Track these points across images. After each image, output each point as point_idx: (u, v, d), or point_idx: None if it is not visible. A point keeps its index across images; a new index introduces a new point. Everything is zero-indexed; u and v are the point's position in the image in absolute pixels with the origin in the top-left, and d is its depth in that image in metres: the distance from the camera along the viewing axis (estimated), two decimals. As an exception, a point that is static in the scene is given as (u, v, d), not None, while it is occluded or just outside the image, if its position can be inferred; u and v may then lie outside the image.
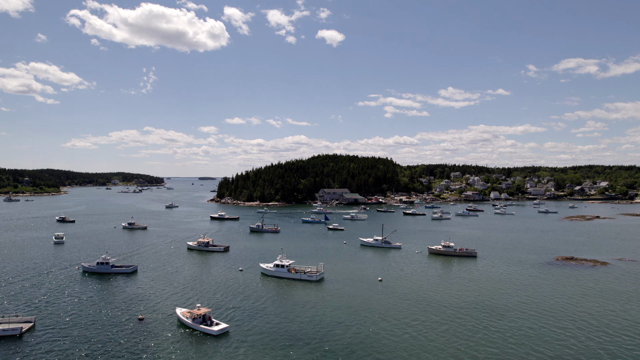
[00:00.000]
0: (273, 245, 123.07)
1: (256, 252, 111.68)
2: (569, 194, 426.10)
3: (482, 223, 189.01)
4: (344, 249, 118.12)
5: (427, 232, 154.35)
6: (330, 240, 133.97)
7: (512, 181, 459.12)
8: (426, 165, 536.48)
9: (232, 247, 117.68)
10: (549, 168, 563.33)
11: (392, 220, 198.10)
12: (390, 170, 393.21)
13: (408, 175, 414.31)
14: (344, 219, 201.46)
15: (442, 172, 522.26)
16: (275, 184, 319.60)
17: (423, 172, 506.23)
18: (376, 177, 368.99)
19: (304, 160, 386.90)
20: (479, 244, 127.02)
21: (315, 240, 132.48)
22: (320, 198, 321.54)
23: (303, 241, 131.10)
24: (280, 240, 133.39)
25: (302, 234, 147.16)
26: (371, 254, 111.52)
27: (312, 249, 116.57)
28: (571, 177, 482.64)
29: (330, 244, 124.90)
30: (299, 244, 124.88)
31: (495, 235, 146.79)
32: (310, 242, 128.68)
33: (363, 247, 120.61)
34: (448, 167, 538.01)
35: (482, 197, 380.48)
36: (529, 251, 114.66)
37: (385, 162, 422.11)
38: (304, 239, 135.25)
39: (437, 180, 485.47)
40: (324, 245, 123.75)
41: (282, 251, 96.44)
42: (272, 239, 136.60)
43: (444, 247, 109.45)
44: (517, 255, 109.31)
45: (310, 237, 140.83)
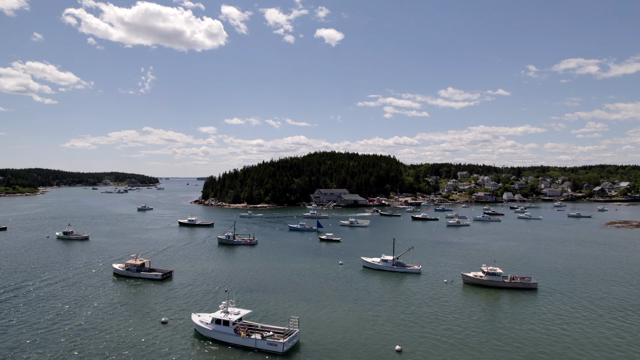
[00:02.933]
0: (240, 267, 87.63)
1: (208, 280, 76.22)
2: (587, 195, 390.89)
3: (510, 231, 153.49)
4: (339, 274, 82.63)
5: (447, 245, 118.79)
6: (321, 258, 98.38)
7: (524, 181, 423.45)
8: (431, 165, 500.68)
9: (179, 271, 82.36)
10: (558, 168, 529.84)
11: (399, 227, 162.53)
12: (394, 168, 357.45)
13: (413, 175, 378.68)
14: (341, 225, 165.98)
15: (448, 172, 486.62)
16: (265, 184, 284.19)
17: (428, 171, 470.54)
18: (378, 176, 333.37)
19: (298, 158, 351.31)
20: (527, 265, 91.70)
21: (299, 259, 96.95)
22: (316, 199, 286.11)
23: (283, 259, 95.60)
24: (255, 256, 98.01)
25: (285, 248, 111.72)
26: (378, 284, 76.07)
27: (291, 276, 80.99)
28: (588, 177, 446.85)
29: (320, 266, 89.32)
30: (274, 266, 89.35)
31: (540, 251, 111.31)
32: (291, 262, 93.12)
33: (366, 271, 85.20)
34: (454, 166, 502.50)
35: (494, 199, 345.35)
36: (610, 279, 79.34)
37: (388, 160, 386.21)
38: (284, 256, 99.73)
39: (444, 180, 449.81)
40: (310, 267, 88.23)
41: (228, 295, 58.58)
42: (242, 255, 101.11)
43: (488, 276, 73.92)
44: (599, 287, 73.85)
45: (294, 252, 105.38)
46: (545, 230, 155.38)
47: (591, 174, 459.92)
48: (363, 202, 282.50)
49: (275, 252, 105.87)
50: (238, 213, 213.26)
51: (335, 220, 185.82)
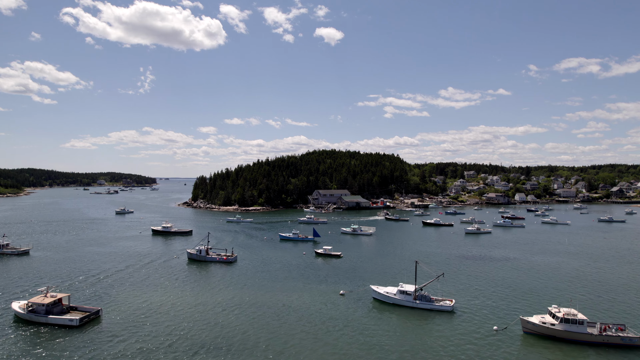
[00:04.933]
0: (202, 301, 63.42)
1: (145, 328, 52.03)
2: (604, 196, 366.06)
3: (542, 240, 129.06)
4: (340, 312, 58.33)
5: (475, 263, 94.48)
6: (316, 284, 74.02)
7: (536, 181, 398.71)
8: (435, 164, 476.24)
9: (116, 309, 58.25)
10: (566, 167, 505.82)
11: (409, 235, 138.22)
12: (399, 168, 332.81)
13: (419, 175, 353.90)
14: (342, 233, 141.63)
15: (454, 172, 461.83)
16: (259, 184, 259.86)
17: (433, 171, 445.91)
18: (382, 175, 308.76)
19: (296, 157, 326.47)
20: (600, 297, 67.56)
21: (287, 285, 72.59)
22: (314, 201, 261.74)
23: (264, 287, 71.28)
24: (228, 281, 73.76)
25: (271, 267, 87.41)
26: (399, 329, 51.89)
27: (271, 320, 56.67)
28: (604, 176, 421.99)
29: (314, 298, 64.99)
30: (251, 299, 65.05)
31: (606, 272, 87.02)
32: (275, 292, 68.77)
33: (378, 308, 60.99)
34: (460, 166, 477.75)
35: (507, 200, 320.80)
36: None
37: (392, 158, 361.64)
38: (267, 281, 75.37)
39: (450, 180, 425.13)
40: (300, 300, 63.92)
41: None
42: (212, 280, 76.85)
43: (565, 324, 49.58)
44: None
45: (281, 274, 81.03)
46: (585, 239, 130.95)
47: (606, 174, 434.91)
48: (366, 205, 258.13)
49: (257, 274, 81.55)
50: (225, 217, 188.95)
51: (335, 226, 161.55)
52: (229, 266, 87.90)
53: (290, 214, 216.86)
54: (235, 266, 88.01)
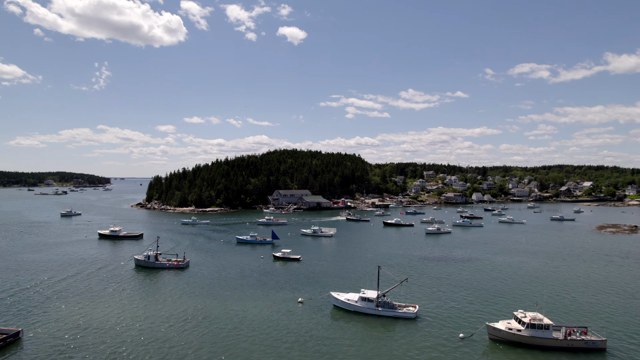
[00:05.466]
0: (148, 314, 57.52)
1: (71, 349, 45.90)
2: (554, 195, 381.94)
3: (501, 240, 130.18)
4: (299, 323, 54.17)
5: (437, 264, 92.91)
6: (273, 291, 69.45)
7: (492, 181, 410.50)
8: (396, 164, 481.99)
9: (43, 327, 51.54)
10: (520, 168, 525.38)
11: (370, 236, 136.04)
12: (360, 168, 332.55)
13: (379, 175, 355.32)
14: (302, 234, 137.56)
15: (414, 172, 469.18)
16: (217, 185, 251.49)
17: (393, 171, 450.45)
18: (343, 175, 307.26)
19: (256, 156, 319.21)
20: (558, 297, 66.87)
21: (242, 293, 67.64)
22: (274, 202, 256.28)
23: (217, 296, 66.05)
24: (178, 290, 67.94)
25: (226, 273, 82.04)
26: (360, 339, 48.28)
27: (222, 336, 51.83)
28: (553, 176, 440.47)
29: (270, 307, 60.46)
30: (202, 311, 59.76)
31: (563, 271, 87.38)
32: (228, 300, 63.74)
33: (339, 316, 57.26)
34: (420, 166, 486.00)
35: (464, 200, 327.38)
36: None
37: (353, 158, 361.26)
38: (221, 289, 70.10)
39: (410, 180, 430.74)
40: (255, 309, 59.26)
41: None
42: (160, 288, 70.74)
43: (531, 329, 47.60)
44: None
45: (236, 281, 75.89)
46: (541, 238, 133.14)
47: (555, 174, 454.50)
48: (327, 205, 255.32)
49: (211, 281, 76.03)
50: (181, 219, 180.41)
51: (295, 227, 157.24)
52: (180, 273, 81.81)
53: (249, 215, 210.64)
54: (187, 273, 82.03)
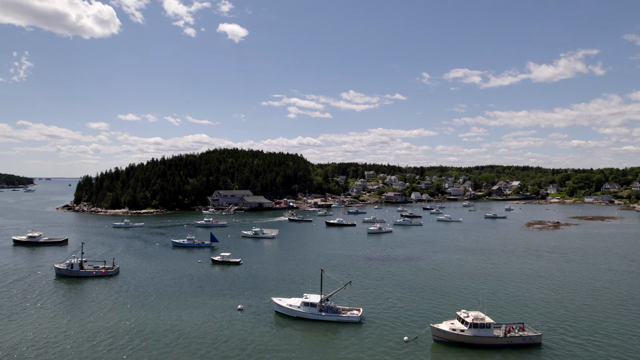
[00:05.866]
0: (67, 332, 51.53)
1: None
2: (487, 194, 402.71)
3: (440, 238, 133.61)
4: (239, 332, 50.83)
5: (380, 264, 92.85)
6: (211, 298, 65.35)
7: (430, 181, 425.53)
8: (338, 164, 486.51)
9: None
10: (455, 168, 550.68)
11: (313, 237, 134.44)
12: (302, 168, 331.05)
13: (321, 175, 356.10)
14: (242, 236, 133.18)
15: (356, 171, 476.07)
16: (152, 185, 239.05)
17: (335, 170, 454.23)
18: (285, 175, 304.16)
19: (195, 155, 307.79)
20: (496, 292, 68.47)
21: (177, 302, 62.92)
22: (214, 203, 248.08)
23: (149, 306, 60.94)
24: (106, 300, 61.89)
25: (160, 280, 76.50)
26: (303, 346, 45.89)
27: (155, 350, 47.43)
28: (485, 176, 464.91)
29: (208, 315, 56.52)
30: (132, 323, 54.65)
31: (500, 268, 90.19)
32: (163, 310, 58.95)
33: (281, 323, 54.52)
34: (361, 166, 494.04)
35: (404, 199, 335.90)
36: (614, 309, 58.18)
37: (296, 158, 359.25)
38: (154, 298, 64.89)
39: (352, 179, 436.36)
40: (192, 319, 55.10)
41: None
42: (84, 300, 64.23)
43: (474, 329, 47.61)
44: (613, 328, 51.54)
45: (172, 288, 70.78)
46: (478, 235, 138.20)
47: (487, 174, 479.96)
48: (269, 205, 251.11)
49: (143, 289, 70.36)
50: (112, 222, 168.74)
51: (235, 229, 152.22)
52: (108, 281, 75.15)
53: (187, 216, 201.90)
54: (117, 281, 75.56)
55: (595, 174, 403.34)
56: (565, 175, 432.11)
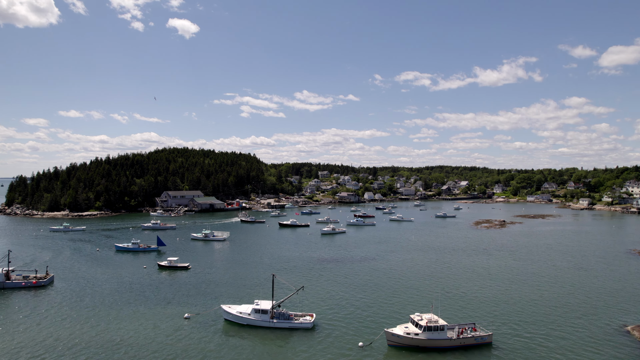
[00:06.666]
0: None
1: None
2: (437, 194, 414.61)
3: (393, 238, 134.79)
4: (184, 343, 47.59)
5: (333, 266, 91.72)
6: (157, 306, 61.32)
7: (382, 181, 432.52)
8: (291, 164, 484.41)
9: None
10: (406, 168, 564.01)
11: (266, 239, 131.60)
12: (255, 167, 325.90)
13: (275, 175, 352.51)
14: (192, 239, 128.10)
15: (309, 172, 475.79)
16: (96, 186, 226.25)
17: (289, 170, 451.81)
18: (238, 175, 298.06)
19: (142, 155, 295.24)
20: (448, 291, 68.93)
21: (119, 312, 58.45)
22: (163, 204, 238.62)
23: (87, 317, 56.15)
24: (36, 314, 56.38)
25: (100, 288, 71.19)
26: (253, 356, 43.57)
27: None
28: (435, 176, 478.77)
29: (153, 326, 52.74)
30: (69, 335, 49.97)
31: (451, 267, 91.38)
32: (103, 322, 54.45)
33: (230, 331, 51.80)
34: (315, 166, 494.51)
35: (357, 199, 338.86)
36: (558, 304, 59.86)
37: (249, 158, 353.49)
38: (91, 311, 59.94)
39: (305, 180, 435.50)
40: (134, 329, 51.16)
41: None
42: (11, 315, 58.29)
43: (428, 332, 47.03)
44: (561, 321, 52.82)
45: (111, 297, 65.93)
46: (429, 235, 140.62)
47: (437, 174, 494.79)
48: (220, 206, 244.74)
49: (81, 299, 65.03)
50: (49, 225, 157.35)
51: (185, 231, 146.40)
52: (40, 293, 68.96)
53: (133, 218, 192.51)
54: (51, 291, 69.54)
55: (536, 174, 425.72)
56: (509, 175, 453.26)
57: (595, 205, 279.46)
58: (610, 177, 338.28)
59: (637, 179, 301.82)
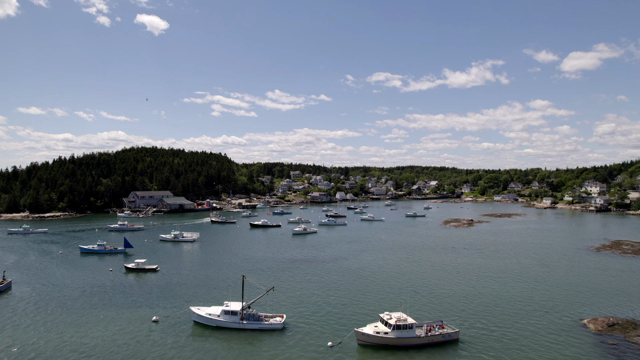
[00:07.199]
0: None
1: None
2: (407, 193, 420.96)
3: (364, 238, 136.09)
4: (151, 346, 46.67)
5: (304, 267, 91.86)
6: (124, 309, 59.81)
7: (354, 181, 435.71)
8: (263, 164, 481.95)
9: None
10: (377, 168, 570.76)
11: (236, 240, 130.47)
12: (226, 167, 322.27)
13: (246, 174, 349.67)
14: (161, 240, 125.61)
15: (281, 171, 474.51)
16: (59, 186, 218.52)
17: (260, 170, 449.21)
18: (208, 175, 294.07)
19: (109, 154, 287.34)
20: (416, 291, 70.14)
21: (84, 316, 56.74)
22: (131, 204, 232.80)
23: (49, 324, 54.20)
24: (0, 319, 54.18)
25: (62, 293, 68.89)
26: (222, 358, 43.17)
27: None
28: (406, 176, 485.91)
29: (120, 331, 51.44)
30: (30, 343, 48.18)
31: (420, 265, 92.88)
32: (67, 327, 52.75)
33: (200, 334, 51.11)
34: (287, 166, 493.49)
35: (329, 199, 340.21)
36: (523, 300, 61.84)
37: (219, 158, 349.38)
38: (53, 317, 57.96)
39: (277, 179, 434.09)
40: (100, 337, 49.81)
41: None
42: (-34, 320, 55.75)
43: (398, 331, 47.76)
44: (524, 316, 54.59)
45: (75, 302, 63.94)
46: (399, 235, 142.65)
47: (407, 174, 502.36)
48: (190, 207, 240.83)
49: (42, 305, 62.73)
50: (7, 227, 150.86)
51: (153, 232, 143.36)
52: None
53: (100, 220, 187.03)
54: (8, 298, 66.76)
55: (502, 175, 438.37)
56: (477, 175, 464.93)
57: (557, 204, 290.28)
58: (571, 177, 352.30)
59: (595, 179, 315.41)
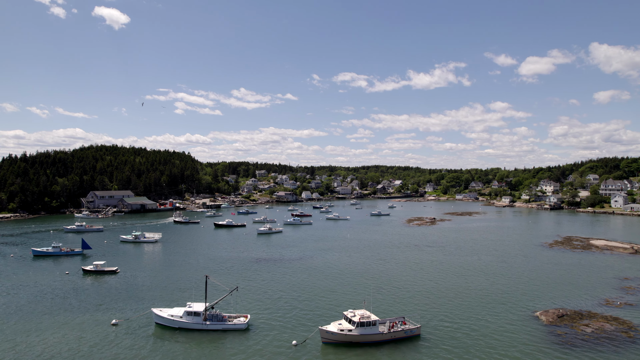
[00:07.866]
0: None
1: None
2: (372, 192, 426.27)
3: (330, 237, 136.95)
4: (111, 350, 45.32)
5: (269, 266, 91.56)
6: (82, 313, 57.64)
7: (320, 180, 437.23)
8: (228, 163, 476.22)
9: None
10: (343, 167, 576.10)
11: (200, 240, 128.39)
12: (190, 166, 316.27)
13: (211, 174, 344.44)
14: (121, 241, 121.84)
15: (247, 171, 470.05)
16: (9, 185, 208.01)
17: (225, 170, 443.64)
18: (171, 175, 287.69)
19: (66, 152, 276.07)
20: (381, 289, 71.29)
21: (37, 323, 54.38)
22: (89, 204, 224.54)
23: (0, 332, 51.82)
24: None
25: (14, 298, 65.66)
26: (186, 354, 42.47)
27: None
28: (371, 176, 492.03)
29: (74, 338, 49.66)
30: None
31: (384, 263, 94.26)
32: (18, 335, 50.39)
33: (161, 335, 50.08)
34: (252, 165, 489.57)
35: (295, 198, 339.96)
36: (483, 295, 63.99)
37: (183, 156, 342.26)
38: (4, 324, 55.33)
39: (243, 179, 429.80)
40: (56, 343, 47.92)
41: None
42: None
43: (361, 328, 48.39)
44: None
45: (29, 307, 61.10)
46: (365, 233, 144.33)
47: (373, 174, 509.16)
48: (152, 206, 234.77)
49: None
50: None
51: (113, 233, 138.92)
52: (-58, 303, 62.34)
53: (55, 221, 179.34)
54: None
55: (464, 174, 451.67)
56: (440, 175, 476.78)
57: (515, 203, 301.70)
58: (528, 176, 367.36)
59: (550, 179, 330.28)
